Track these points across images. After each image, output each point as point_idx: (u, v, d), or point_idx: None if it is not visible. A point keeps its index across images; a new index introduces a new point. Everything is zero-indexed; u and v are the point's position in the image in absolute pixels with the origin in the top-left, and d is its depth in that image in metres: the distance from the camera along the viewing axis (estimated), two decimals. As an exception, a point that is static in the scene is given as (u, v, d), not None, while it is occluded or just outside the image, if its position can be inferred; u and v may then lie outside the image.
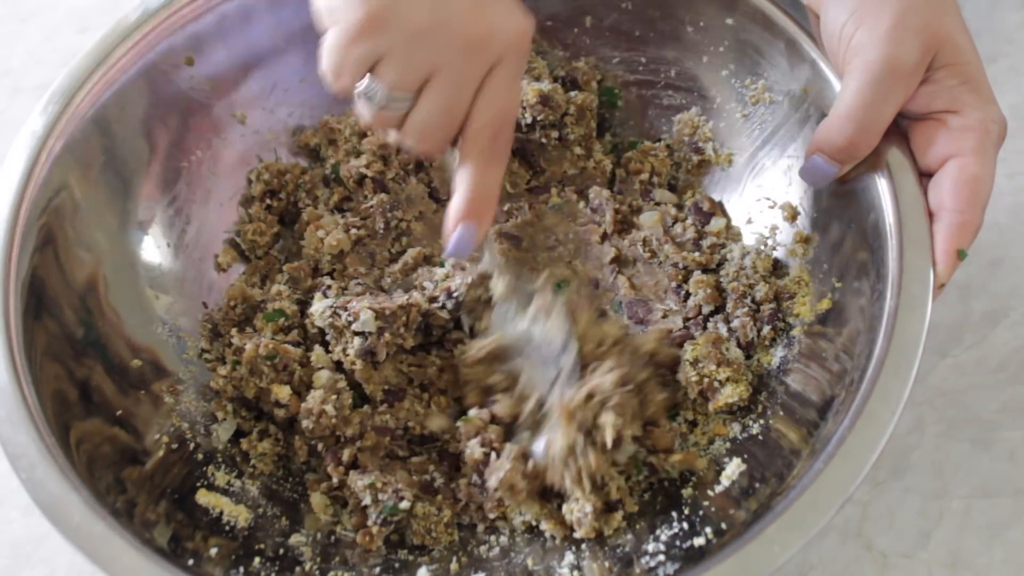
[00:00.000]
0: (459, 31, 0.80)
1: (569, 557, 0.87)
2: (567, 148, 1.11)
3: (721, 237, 1.05)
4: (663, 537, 0.86)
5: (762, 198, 1.04)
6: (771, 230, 1.02)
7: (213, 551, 0.85)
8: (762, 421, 0.92)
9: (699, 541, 0.83)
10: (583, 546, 0.88)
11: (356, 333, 0.95)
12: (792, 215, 1.00)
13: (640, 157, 1.10)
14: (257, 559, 0.86)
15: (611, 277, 1.05)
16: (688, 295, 1.02)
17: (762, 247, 1.02)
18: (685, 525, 0.86)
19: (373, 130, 1.08)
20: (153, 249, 1.02)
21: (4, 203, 0.92)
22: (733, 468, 0.89)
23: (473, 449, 0.92)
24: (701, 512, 0.87)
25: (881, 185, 0.89)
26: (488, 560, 0.90)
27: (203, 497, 0.90)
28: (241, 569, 0.84)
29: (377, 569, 0.89)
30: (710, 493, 0.88)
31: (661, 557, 0.83)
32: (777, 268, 1.01)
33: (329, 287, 1.01)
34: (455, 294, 0.98)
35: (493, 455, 0.91)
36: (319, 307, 0.97)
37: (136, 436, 0.91)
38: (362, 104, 0.83)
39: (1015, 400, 1.05)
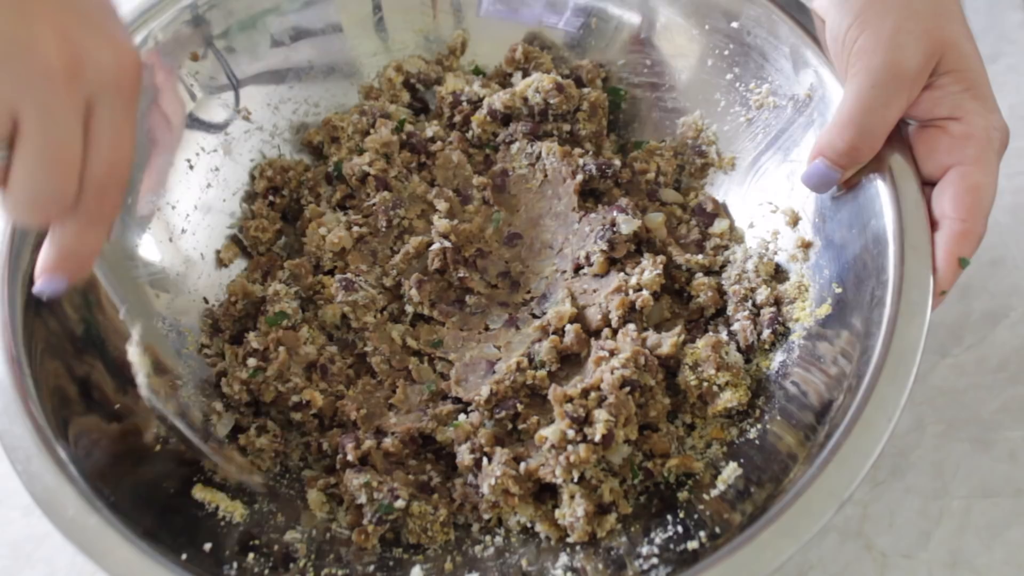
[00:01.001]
0: (36, 60, 0.70)
1: (563, 558, 0.87)
2: (578, 144, 1.12)
3: (724, 239, 1.05)
4: (657, 540, 0.86)
5: (764, 202, 1.03)
6: (773, 235, 1.02)
7: (208, 546, 0.85)
8: (760, 425, 0.92)
9: (693, 545, 0.83)
10: (577, 548, 0.89)
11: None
12: (794, 220, 1.00)
13: (646, 157, 1.10)
14: (252, 555, 0.87)
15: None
16: (690, 297, 1.03)
17: (764, 251, 1.02)
18: (680, 528, 0.86)
19: None
20: (153, 245, 1.03)
21: (6, 198, 0.92)
22: (729, 472, 0.89)
23: (463, 455, 0.93)
24: (696, 516, 0.87)
25: (883, 191, 0.89)
26: (483, 560, 0.90)
27: (200, 492, 0.91)
28: (235, 565, 0.85)
29: (372, 567, 0.89)
30: (706, 497, 0.88)
31: (654, 560, 0.84)
32: (778, 272, 1.01)
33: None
34: None
35: (484, 460, 0.92)
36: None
37: (134, 431, 0.92)
38: None
39: (1015, 400, 1.05)
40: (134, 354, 0.87)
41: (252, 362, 0.98)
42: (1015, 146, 1.00)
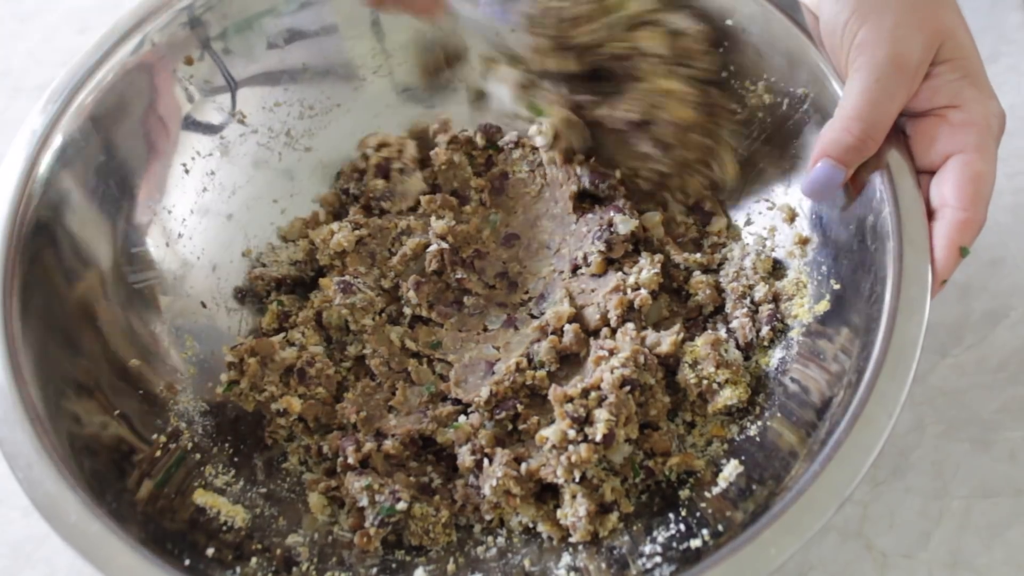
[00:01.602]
0: None
1: (566, 558, 0.87)
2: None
3: (722, 236, 1.05)
4: (660, 539, 0.86)
5: (761, 199, 1.03)
6: (770, 231, 1.02)
7: (210, 551, 0.85)
8: (760, 423, 0.92)
9: (695, 543, 0.82)
10: (579, 547, 0.88)
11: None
12: (791, 216, 1.00)
13: (642, 156, 1.10)
14: (254, 559, 0.86)
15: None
16: (688, 295, 1.03)
17: (761, 248, 1.01)
18: (682, 527, 0.86)
19: None
20: (151, 248, 1.02)
21: (4, 201, 0.92)
22: (731, 470, 0.89)
23: (464, 457, 0.93)
24: (698, 514, 0.87)
25: (880, 187, 0.88)
26: (485, 561, 0.90)
27: (201, 497, 0.90)
28: (238, 569, 0.84)
29: (374, 569, 0.89)
30: (707, 495, 0.88)
31: (658, 559, 0.83)
32: (776, 269, 1.01)
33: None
34: None
35: (485, 461, 0.92)
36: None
37: (134, 435, 0.91)
38: None
39: (1015, 400, 1.05)
40: None
41: (224, 376, 0.99)
42: (1016, 145, 1.00)
